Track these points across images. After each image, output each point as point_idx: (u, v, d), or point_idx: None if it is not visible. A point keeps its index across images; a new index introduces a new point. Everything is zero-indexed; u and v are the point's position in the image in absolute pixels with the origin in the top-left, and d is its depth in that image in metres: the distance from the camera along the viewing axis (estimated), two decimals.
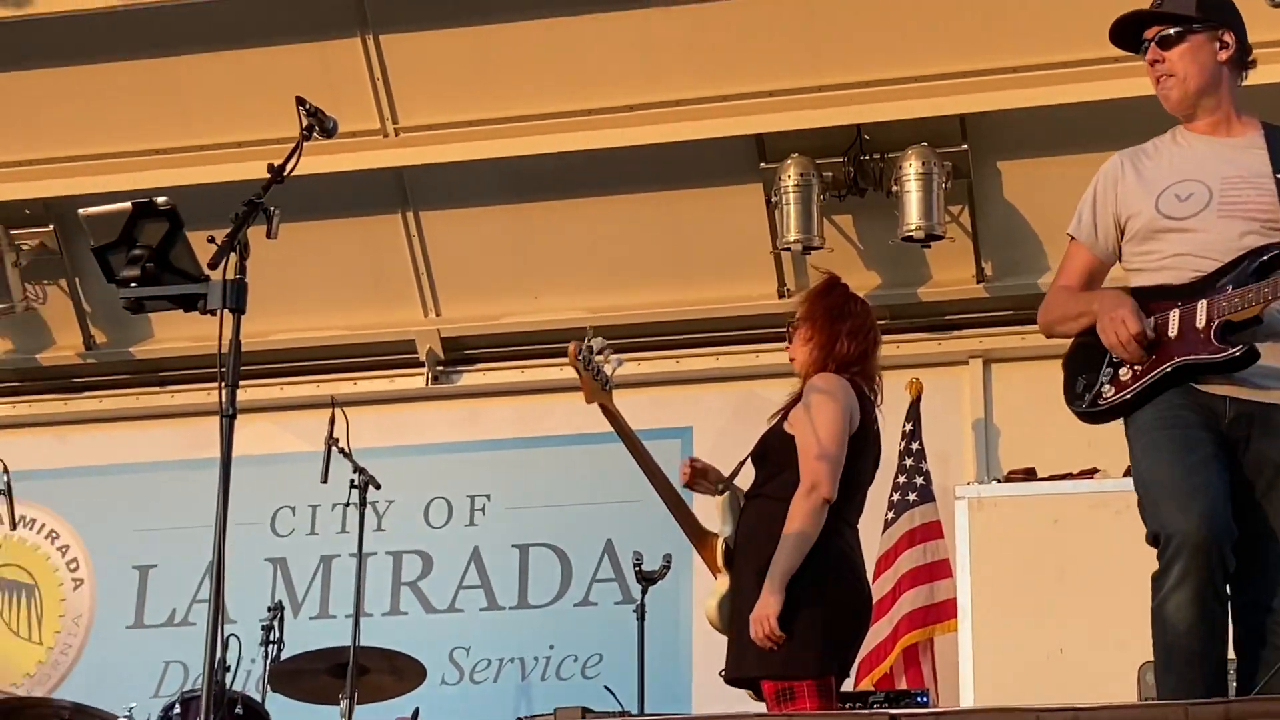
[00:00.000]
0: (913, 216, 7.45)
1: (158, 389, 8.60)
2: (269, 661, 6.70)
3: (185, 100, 8.00)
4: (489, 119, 7.97)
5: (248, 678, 6.99)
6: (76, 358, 8.59)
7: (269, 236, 4.38)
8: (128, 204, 4.24)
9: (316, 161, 4.30)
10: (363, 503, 6.61)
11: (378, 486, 6.68)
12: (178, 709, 5.96)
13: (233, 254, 4.22)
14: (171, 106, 8.01)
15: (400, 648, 6.74)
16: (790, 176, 7.59)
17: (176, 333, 8.28)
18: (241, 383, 4.12)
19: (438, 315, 8.37)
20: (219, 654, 3.81)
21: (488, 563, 8.15)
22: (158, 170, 7.91)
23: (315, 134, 4.64)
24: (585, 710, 5.84)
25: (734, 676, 4.87)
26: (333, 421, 6.58)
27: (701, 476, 5.12)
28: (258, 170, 7.42)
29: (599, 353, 5.09)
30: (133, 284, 4.18)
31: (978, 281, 7.85)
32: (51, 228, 8.28)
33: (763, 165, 7.76)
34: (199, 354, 8.27)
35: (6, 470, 6.82)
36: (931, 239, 7.50)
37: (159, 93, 7.99)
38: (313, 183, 4.43)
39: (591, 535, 8.06)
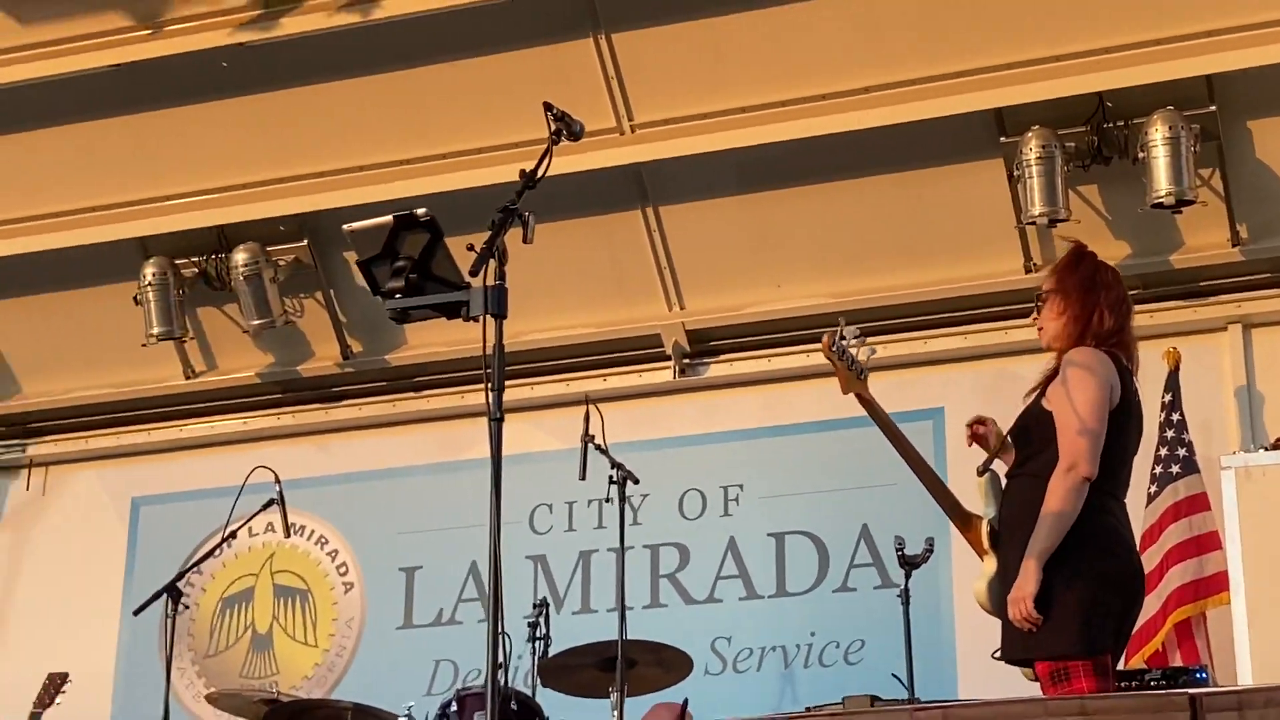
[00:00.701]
0: (1161, 182, 7.29)
1: (413, 394, 8.80)
2: (536, 657, 6.81)
3: (428, 110, 8.17)
4: (723, 110, 8.00)
5: (516, 673, 7.11)
6: (335, 367, 8.82)
7: (525, 241, 4.45)
8: (389, 217, 4.35)
9: (557, 163, 4.36)
10: (622, 498, 6.68)
11: (636, 481, 6.74)
12: (454, 706, 6.09)
13: (491, 260, 4.31)
14: (415, 117, 8.19)
15: (663, 640, 6.80)
16: (1032, 149, 7.47)
17: (429, 339, 8.48)
18: None
19: (682, 309, 8.42)
20: (501, 650, 3.88)
21: (744, 552, 8.18)
22: (404, 181, 8.10)
23: (563, 137, 4.71)
24: (874, 698, 5.84)
25: (1008, 658, 4.83)
26: (588, 418, 6.65)
27: (983, 437, 5.11)
28: (501, 175, 7.68)
29: (852, 342, 5.10)
30: (397, 295, 4.29)
31: (1233, 245, 7.64)
32: (305, 242, 8.51)
33: (1003, 139, 7.65)
34: (452, 359, 8.47)
35: (278, 481, 7.06)
36: (1182, 204, 7.33)
37: (402, 105, 8.17)
38: (554, 184, 4.49)
39: (847, 521, 8.03)
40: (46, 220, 8.79)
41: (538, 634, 6.87)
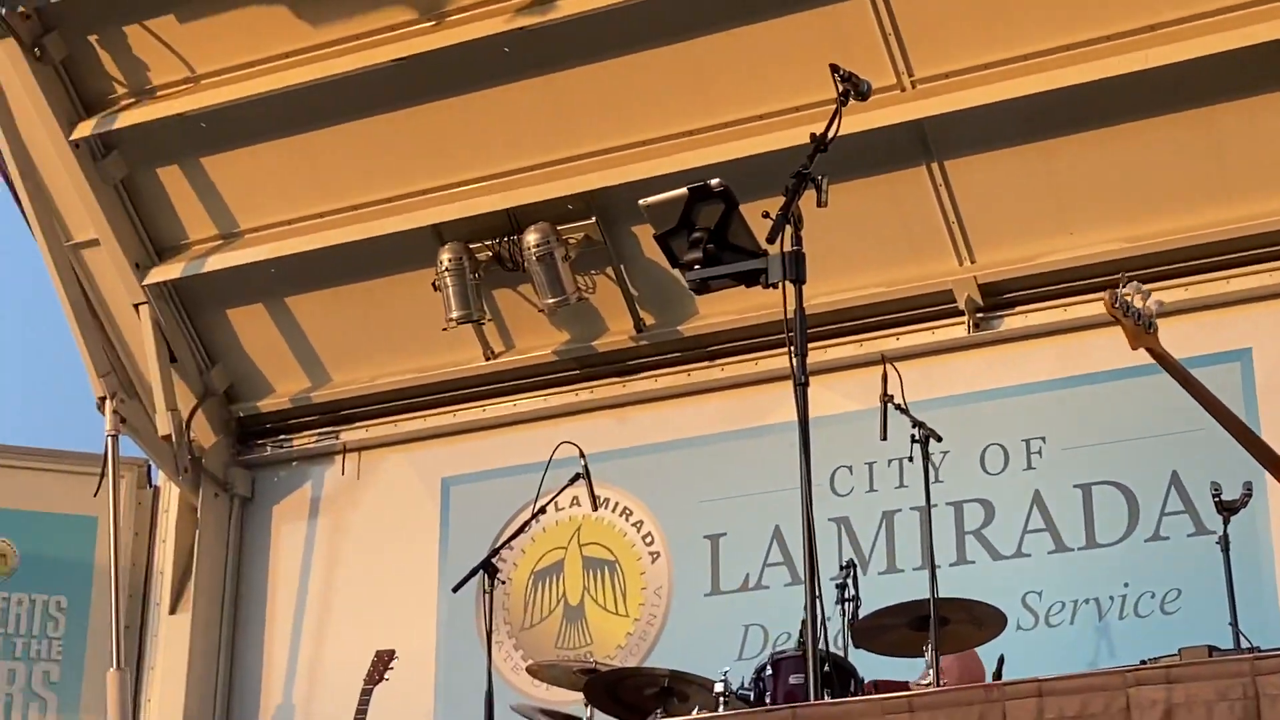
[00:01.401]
0: None
1: (708, 363, 8.86)
2: (846, 619, 6.82)
3: (709, 80, 8.21)
4: (1004, 59, 7.87)
5: (827, 635, 7.12)
6: (629, 341, 8.93)
7: (820, 205, 4.48)
8: (683, 190, 4.42)
9: (843, 124, 4.36)
10: (925, 456, 6.63)
11: (938, 439, 6.69)
12: (769, 670, 6.14)
13: (787, 225, 4.34)
14: (697, 87, 8.24)
15: (972, 597, 6.74)
16: None
17: (721, 307, 8.53)
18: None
19: (972, 262, 8.31)
20: (817, 612, 3.91)
21: (1050, 505, 8.06)
22: (690, 152, 8.15)
23: (851, 98, 4.71)
24: (1211, 649, 5.72)
25: None
26: (885, 378, 6.63)
27: None
28: (786, 140, 7.69)
29: (1135, 295, 4.98)
30: (696, 266, 4.36)
31: None
32: (594, 219, 8.63)
33: None
34: (744, 325, 8.51)
35: (583, 455, 7.20)
36: None
37: (684, 75, 8.22)
38: (839, 145, 4.50)
39: (1155, 468, 7.85)
40: (344, 214, 9.08)
41: (846, 595, 6.88)
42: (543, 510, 7.29)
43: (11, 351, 17.14)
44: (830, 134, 4.44)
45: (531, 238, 8.60)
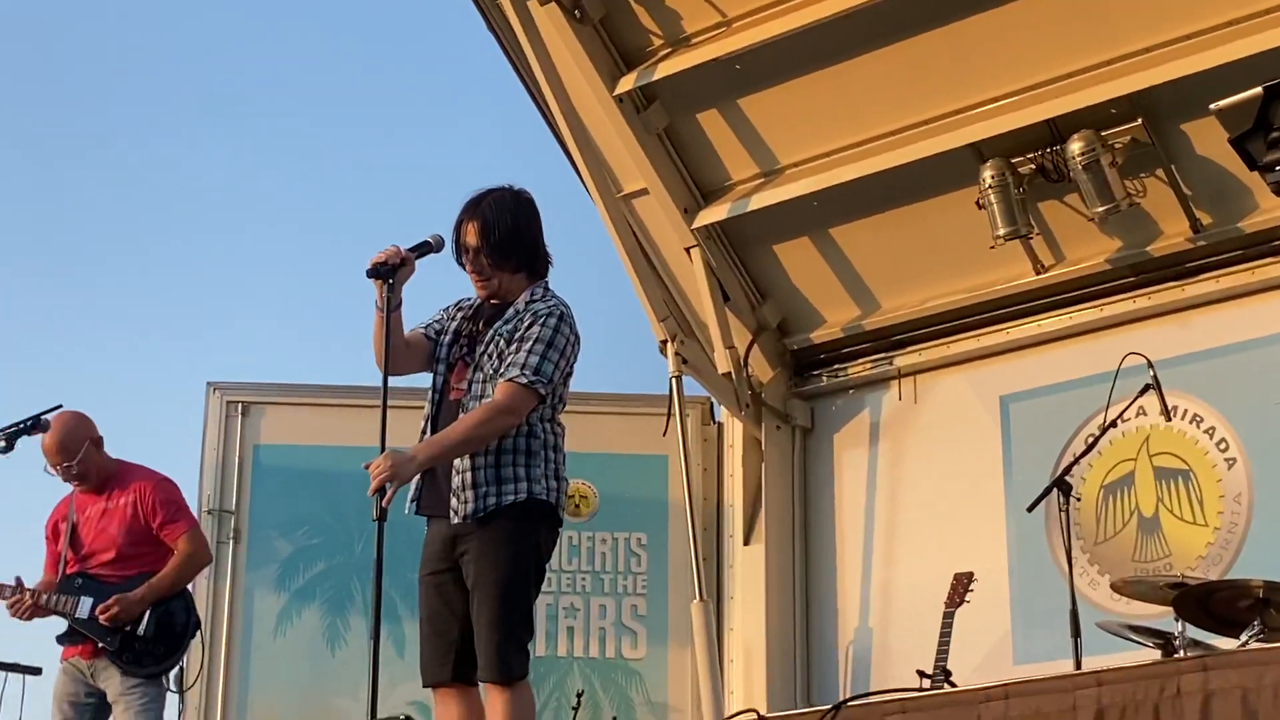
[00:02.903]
0: None
1: (1272, 259, 8.46)
2: None
3: None
4: None
5: None
6: (1186, 243, 8.62)
7: None
8: (1258, 89, 4.25)
9: None
10: None
11: None
12: None
13: None
14: None
15: None
16: None
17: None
18: None
19: None
20: None
21: None
22: (1235, 43, 7.75)
23: None
24: None
25: None
26: None
27: None
28: None
29: None
30: (1278, 168, 4.19)
31: None
32: (1140, 121, 8.34)
33: None
34: None
35: (1151, 365, 7.03)
36: None
37: None
38: None
39: None
40: (881, 140, 9.08)
41: None
42: (1113, 423, 7.16)
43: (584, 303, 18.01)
44: None
45: (1075, 146, 8.41)
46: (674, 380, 9.33)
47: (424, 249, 5.77)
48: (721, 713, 8.64)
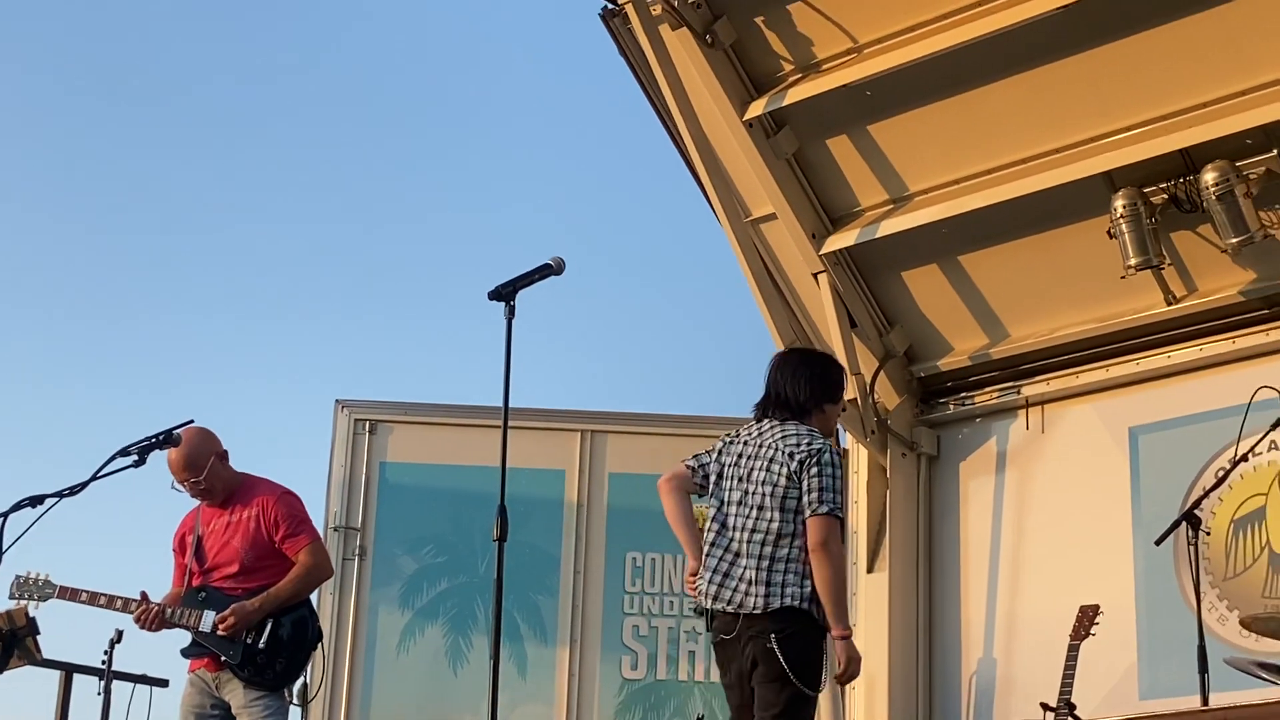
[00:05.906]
0: None
1: None
2: None
3: None
4: None
5: None
6: None
7: None
8: None
9: None
10: None
11: None
12: None
13: None
14: None
15: None
16: None
17: None
18: None
19: None
20: None
21: None
22: None
23: None
24: None
25: None
26: None
27: None
28: None
29: None
30: None
31: None
32: (1275, 152, 8.22)
33: None
34: None
35: None
36: None
37: None
38: None
39: None
40: (1012, 168, 9.04)
41: None
42: (1244, 457, 7.05)
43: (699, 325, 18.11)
44: None
45: (1209, 176, 8.30)
46: None
47: (545, 271, 6.23)
48: None
